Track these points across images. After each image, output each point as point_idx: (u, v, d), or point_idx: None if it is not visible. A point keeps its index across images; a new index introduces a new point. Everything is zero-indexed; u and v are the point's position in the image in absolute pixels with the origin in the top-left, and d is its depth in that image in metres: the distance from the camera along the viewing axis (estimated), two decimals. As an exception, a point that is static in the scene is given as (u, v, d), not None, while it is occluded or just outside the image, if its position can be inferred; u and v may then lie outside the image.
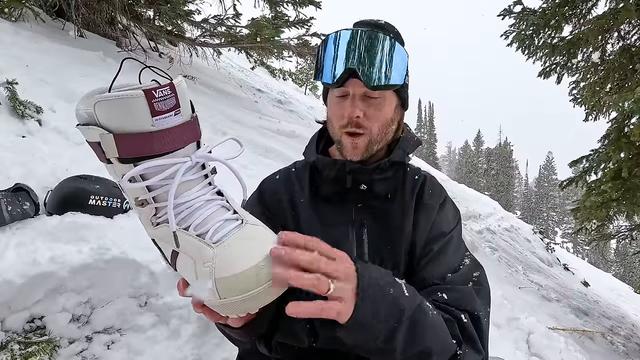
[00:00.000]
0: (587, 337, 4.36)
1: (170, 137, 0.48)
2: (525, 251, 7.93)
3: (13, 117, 2.32)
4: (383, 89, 0.78)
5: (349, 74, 0.75)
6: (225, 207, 0.54)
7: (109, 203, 1.93)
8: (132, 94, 0.45)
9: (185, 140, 0.50)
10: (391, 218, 0.82)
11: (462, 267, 0.79)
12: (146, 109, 0.45)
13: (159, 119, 0.46)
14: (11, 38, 3.30)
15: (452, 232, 0.84)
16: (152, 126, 0.46)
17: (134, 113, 0.45)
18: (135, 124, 0.46)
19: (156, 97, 0.45)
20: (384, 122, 0.82)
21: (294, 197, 0.87)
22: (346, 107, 0.79)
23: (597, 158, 5.00)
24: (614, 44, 5.31)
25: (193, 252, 0.49)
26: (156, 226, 0.52)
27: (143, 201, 0.51)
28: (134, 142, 0.46)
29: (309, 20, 5.48)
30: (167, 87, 0.47)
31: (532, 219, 41.11)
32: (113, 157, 0.48)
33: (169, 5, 4.77)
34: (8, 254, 1.51)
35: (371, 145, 0.82)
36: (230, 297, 0.47)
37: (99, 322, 1.65)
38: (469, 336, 0.69)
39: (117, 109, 0.45)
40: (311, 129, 6.51)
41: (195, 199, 0.52)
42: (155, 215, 0.52)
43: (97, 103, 0.45)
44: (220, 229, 0.51)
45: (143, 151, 0.47)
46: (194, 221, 0.51)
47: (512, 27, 5.40)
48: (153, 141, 0.47)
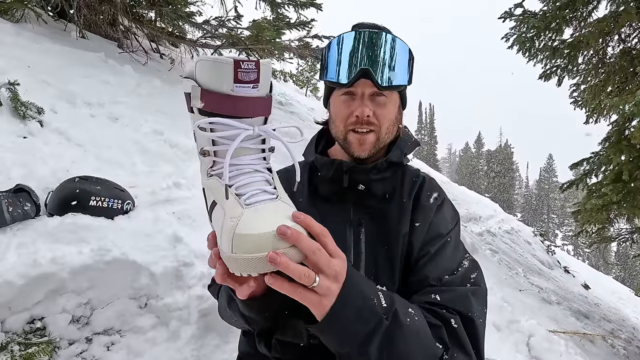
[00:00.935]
0: (588, 340, 4.35)
1: (243, 104, 0.55)
2: (525, 254, 7.91)
3: (14, 118, 2.33)
4: (392, 90, 0.81)
5: (361, 74, 0.78)
6: (268, 181, 0.60)
7: (110, 204, 1.93)
8: (225, 59, 0.53)
9: (254, 112, 0.57)
10: (388, 218, 0.82)
11: (460, 269, 0.79)
12: (231, 75, 0.53)
13: (239, 86, 0.54)
14: (13, 39, 3.31)
15: (450, 233, 0.84)
16: (231, 90, 0.54)
17: (221, 75, 0.53)
18: (220, 84, 0.54)
19: (241, 68, 0.53)
20: (391, 121, 0.84)
21: (293, 196, 0.87)
22: (355, 107, 0.81)
23: (598, 161, 5.00)
24: (614, 46, 5.31)
25: (227, 207, 0.55)
26: (209, 177, 0.59)
27: (206, 152, 0.58)
28: (214, 99, 0.54)
29: (310, 22, 5.49)
30: (253, 63, 0.54)
31: (533, 222, 41.08)
32: (195, 107, 0.55)
33: (171, 7, 4.78)
34: (9, 254, 1.52)
35: (378, 142, 0.84)
36: (239, 253, 0.51)
37: (99, 324, 1.65)
38: (457, 340, 0.68)
39: (210, 69, 0.54)
40: (312, 130, 6.50)
41: (246, 165, 0.58)
42: (212, 167, 0.59)
43: (199, 61, 0.54)
44: (256, 195, 0.56)
45: (218, 108, 0.54)
46: (237, 182, 0.57)
47: (512, 29, 5.40)
48: (228, 102, 0.54)
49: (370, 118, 0.81)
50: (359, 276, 0.59)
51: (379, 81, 0.77)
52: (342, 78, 0.80)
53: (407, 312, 0.62)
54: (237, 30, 5.37)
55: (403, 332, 0.59)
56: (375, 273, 0.79)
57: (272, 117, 0.60)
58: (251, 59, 0.54)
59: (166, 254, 1.89)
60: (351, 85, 0.80)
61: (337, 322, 0.54)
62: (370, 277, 0.78)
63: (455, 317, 0.69)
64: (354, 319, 0.55)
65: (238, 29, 5.36)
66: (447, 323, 0.69)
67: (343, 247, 0.80)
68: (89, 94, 3.06)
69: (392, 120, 0.84)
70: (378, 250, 0.80)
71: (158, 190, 2.31)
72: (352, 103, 0.82)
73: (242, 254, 0.51)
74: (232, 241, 0.52)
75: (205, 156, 0.59)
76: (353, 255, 0.80)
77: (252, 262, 0.51)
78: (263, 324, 0.78)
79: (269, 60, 0.56)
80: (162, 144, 2.91)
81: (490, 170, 44.79)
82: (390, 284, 0.78)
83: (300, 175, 0.92)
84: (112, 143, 2.65)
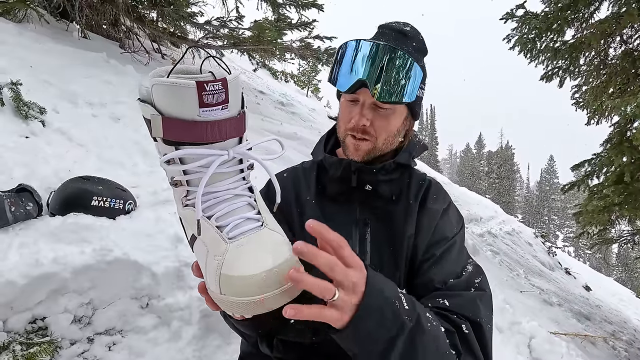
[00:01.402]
0: (589, 342, 4.34)
1: (213, 129, 0.49)
2: (526, 255, 7.90)
3: (17, 118, 2.33)
4: (390, 104, 0.80)
5: (359, 85, 0.77)
6: (251, 204, 0.55)
7: (112, 204, 1.93)
8: (185, 83, 0.46)
9: (227, 135, 0.51)
10: (394, 220, 0.83)
11: (465, 273, 0.79)
12: (195, 99, 0.47)
13: (205, 110, 0.48)
14: (15, 39, 3.32)
15: (455, 237, 0.84)
16: (197, 116, 0.48)
17: (183, 101, 0.47)
18: (183, 111, 0.48)
19: (206, 90, 0.47)
20: (390, 133, 0.84)
21: (300, 195, 0.89)
22: (354, 114, 0.81)
23: (599, 162, 4.98)
24: (616, 48, 5.30)
25: (208, 242, 0.51)
26: (185, 207, 0.55)
27: (177, 182, 0.53)
28: (178, 127, 0.48)
29: (311, 23, 5.50)
30: (219, 82, 0.48)
31: (534, 223, 41.02)
32: (158, 137, 0.50)
33: (172, 7, 4.79)
34: (11, 254, 1.52)
35: (374, 151, 0.84)
36: (229, 295, 0.48)
37: (101, 324, 1.65)
38: (469, 346, 0.68)
39: (169, 94, 0.47)
40: (312, 130, 6.51)
41: (224, 191, 0.53)
42: (186, 197, 0.54)
43: (154, 85, 0.48)
44: (240, 226, 0.52)
45: (185, 137, 0.49)
46: (217, 212, 0.52)
47: (514, 30, 5.40)
48: (196, 130, 0.49)
49: (367, 128, 0.81)
50: (380, 280, 0.58)
51: (378, 95, 0.77)
52: (342, 85, 0.80)
53: (427, 317, 0.61)
54: (238, 30, 5.38)
55: (424, 337, 0.58)
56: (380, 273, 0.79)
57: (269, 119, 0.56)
58: (217, 78, 0.48)
59: (168, 254, 1.89)
60: (352, 93, 0.80)
61: (359, 331, 0.53)
62: None
63: (466, 323, 0.69)
64: (376, 326, 0.54)
65: (239, 30, 5.37)
66: (459, 329, 0.68)
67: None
68: (91, 94, 3.07)
69: (392, 132, 0.84)
70: (383, 250, 0.81)
71: (159, 191, 2.31)
72: (353, 109, 0.82)
73: (232, 296, 0.48)
74: (219, 282, 0.48)
75: (177, 186, 0.54)
76: (358, 254, 0.80)
77: (241, 305, 0.48)
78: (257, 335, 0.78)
79: (237, 74, 0.52)
80: (164, 144, 2.91)
81: (491, 172, 44.74)
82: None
83: (307, 174, 0.94)
84: (114, 143, 2.65)
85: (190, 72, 0.54)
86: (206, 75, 0.49)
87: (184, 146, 0.50)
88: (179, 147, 0.50)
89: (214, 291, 0.50)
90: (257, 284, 0.47)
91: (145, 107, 0.50)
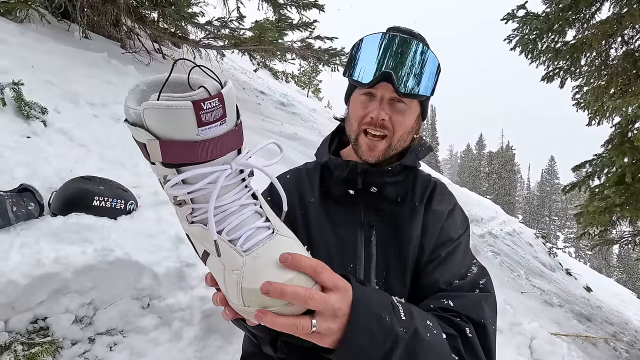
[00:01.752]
0: (590, 343, 4.33)
1: (214, 146, 0.48)
2: (527, 256, 7.89)
3: (18, 118, 2.33)
4: (411, 98, 0.79)
5: (382, 77, 0.76)
6: (258, 212, 0.55)
7: (113, 204, 1.94)
8: (181, 104, 0.45)
9: (227, 149, 0.50)
10: (400, 221, 0.82)
11: (470, 275, 0.79)
12: (193, 120, 0.45)
13: (204, 129, 0.46)
14: (17, 39, 3.32)
15: (460, 238, 0.84)
16: (197, 135, 0.47)
17: (180, 123, 0.46)
18: (181, 133, 0.46)
19: (204, 109, 0.46)
20: (406, 130, 0.83)
21: (304, 196, 0.88)
22: (372, 109, 0.80)
23: (601, 163, 4.98)
24: (617, 48, 5.30)
25: (224, 259, 0.51)
26: (191, 224, 0.54)
27: (181, 201, 0.52)
28: (178, 149, 0.47)
29: (312, 23, 5.50)
30: (216, 99, 0.46)
31: (534, 223, 40.99)
32: (157, 161, 0.49)
33: (173, 8, 4.80)
34: (12, 254, 1.52)
35: (389, 150, 0.83)
36: (252, 307, 0.48)
37: (102, 324, 1.65)
38: (472, 350, 0.68)
39: (164, 117, 0.45)
40: (313, 131, 6.51)
41: (230, 203, 0.52)
42: (191, 214, 0.53)
43: (145, 109, 0.46)
44: (252, 237, 0.51)
45: (186, 158, 0.48)
46: (227, 226, 0.52)
47: (515, 31, 5.40)
48: (197, 150, 0.47)
49: (385, 122, 0.80)
50: (367, 296, 0.56)
51: (400, 87, 0.76)
52: (364, 78, 0.79)
53: (426, 326, 0.61)
54: (239, 31, 5.38)
55: (424, 346, 0.58)
56: (386, 276, 0.79)
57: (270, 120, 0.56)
58: (212, 95, 0.46)
59: (169, 254, 1.89)
60: (372, 87, 0.79)
61: (350, 351, 0.53)
62: (381, 279, 0.78)
63: (470, 326, 0.69)
64: (369, 343, 0.53)
65: (240, 30, 5.38)
66: (463, 333, 0.68)
67: (354, 248, 0.80)
68: (92, 94, 3.07)
69: (407, 128, 0.83)
70: (389, 252, 0.80)
71: (160, 191, 2.31)
72: (370, 104, 0.81)
73: (257, 307, 0.48)
74: (242, 295, 0.49)
75: (181, 206, 0.53)
76: (364, 257, 0.80)
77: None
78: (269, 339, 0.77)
79: (230, 85, 0.50)
80: (165, 144, 2.91)
81: (492, 172, 44.72)
82: (401, 287, 0.78)
83: (310, 176, 0.93)
84: (115, 143, 2.65)
85: (177, 84, 0.52)
86: (199, 92, 0.47)
87: (186, 167, 0.49)
88: (179, 169, 0.49)
89: (236, 304, 0.50)
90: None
91: (138, 131, 0.47)
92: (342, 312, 0.52)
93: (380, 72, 0.76)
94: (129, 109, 0.49)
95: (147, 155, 0.49)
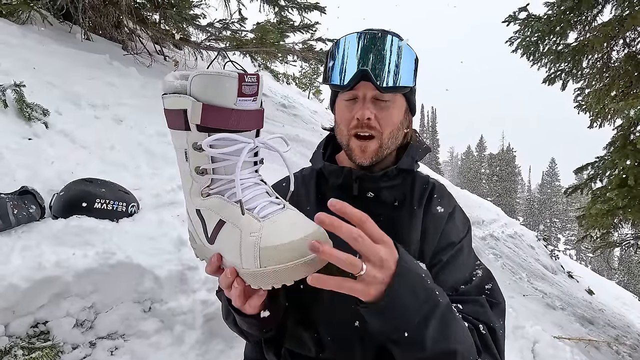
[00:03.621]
0: (593, 346, 4.30)
1: (245, 117, 0.55)
2: (529, 258, 7.86)
3: (20, 120, 2.33)
4: (394, 91, 0.79)
5: (360, 76, 0.76)
6: (268, 192, 0.60)
7: (115, 207, 1.92)
8: (229, 73, 0.52)
9: (253, 125, 0.57)
10: (399, 227, 0.81)
11: (475, 279, 0.78)
12: (235, 89, 0.53)
13: (241, 100, 0.54)
14: (19, 41, 3.32)
15: (462, 241, 0.82)
16: (234, 104, 0.54)
17: (225, 90, 0.53)
18: (223, 99, 0.53)
19: (245, 82, 0.53)
20: (395, 125, 0.82)
21: (300, 204, 0.86)
22: (356, 110, 0.79)
23: (603, 165, 4.97)
24: (619, 51, 5.29)
25: (242, 223, 0.54)
26: (206, 197, 0.58)
27: (203, 170, 0.57)
28: (216, 114, 0.53)
29: (314, 25, 5.50)
30: (255, 77, 0.54)
31: (535, 226, 40.93)
32: (194, 124, 0.54)
33: (175, 9, 4.80)
34: (13, 257, 1.50)
35: (381, 150, 0.81)
36: (270, 265, 0.50)
37: (103, 328, 1.63)
38: (487, 346, 0.68)
39: (212, 83, 0.52)
40: (314, 133, 6.50)
41: (247, 179, 0.58)
42: (209, 186, 0.58)
43: (196, 76, 0.52)
44: (266, 207, 0.56)
45: (220, 123, 0.54)
46: (244, 197, 0.56)
47: (517, 33, 5.40)
48: (231, 117, 0.54)
49: (372, 122, 0.78)
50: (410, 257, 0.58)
51: (379, 83, 0.75)
52: (342, 81, 0.78)
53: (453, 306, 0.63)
54: (241, 32, 5.38)
55: (454, 322, 0.59)
56: None
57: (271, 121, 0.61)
58: (253, 73, 0.54)
59: (171, 257, 1.87)
60: (352, 88, 0.78)
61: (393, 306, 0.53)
62: None
63: (482, 324, 0.69)
64: (411, 301, 0.54)
65: (242, 32, 5.38)
66: (477, 328, 0.68)
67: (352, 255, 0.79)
68: (94, 96, 3.06)
69: (396, 124, 0.82)
70: None
71: (162, 193, 2.30)
72: (354, 106, 0.80)
73: (272, 266, 0.50)
74: (259, 256, 0.51)
75: (203, 175, 0.57)
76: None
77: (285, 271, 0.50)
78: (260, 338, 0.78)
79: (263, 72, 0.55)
80: (167, 146, 2.90)
81: (493, 174, 44.68)
82: None
83: (306, 182, 0.92)
84: (117, 145, 2.64)
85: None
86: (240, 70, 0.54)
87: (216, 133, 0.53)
88: (210, 134, 0.54)
89: (250, 268, 0.52)
90: (296, 248, 0.50)
91: (179, 98, 0.54)
92: (387, 265, 0.53)
93: (357, 72, 0.76)
94: (170, 81, 0.56)
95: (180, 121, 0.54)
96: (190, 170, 0.58)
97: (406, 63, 0.78)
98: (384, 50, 0.76)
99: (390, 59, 0.76)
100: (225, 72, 0.52)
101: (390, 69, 0.76)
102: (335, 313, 0.75)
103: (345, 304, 0.74)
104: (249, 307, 0.60)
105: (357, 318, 0.74)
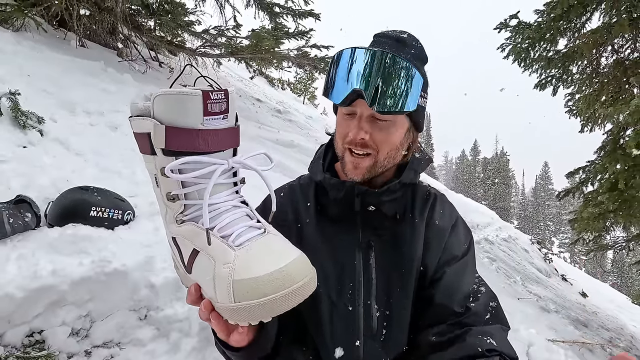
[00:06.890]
0: (587, 349, 4.34)
1: (215, 137, 0.51)
2: (523, 261, 7.92)
3: (14, 128, 2.32)
4: (389, 114, 0.73)
5: (355, 96, 0.71)
6: (249, 215, 0.56)
7: (110, 214, 1.93)
8: (191, 92, 0.48)
9: (226, 144, 0.53)
10: (400, 240, 0.79)
11: (480, 296, 0.76)
12: (200, 108, 0.49)
13: (209, 119, 0.50)
14: (13, 48, 3.32)
15: (466, 256, 0.81)
16: (201, 124, 0.49)
17: (188, 109, 0.49)
18: (187, 119, 0.49)
19: (211, 99, 0.49)
20: (393, 146, 0.77)
21: (299, 215, 0.84)
22: (351, 128, 0.75)
23: (594, 169, 5.04)
24: (608, 57, 5.39)
25: (215, 253, 0.50)
26: (180, 224, 0.54)
27: (175, 196, 0.53)
28: (182, 136, 0.49)
29: (309, 32, 5.55)
30: (222, 92, 0.50)
31: (529, 229, 41.19)
32: (159, 148, 0.50)
33: (170, 16, 4.82)
34: (9, 267, 1.50)
35: (375, 167, 0.78)
36: (245, 301, 0.46)
37: (99, 336, 1.63)
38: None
39: (174, 103, 0.48)
40: (310, 138, 6.53)
41: (223, 202, 0.54)
42: (182, 212, 0.54)
43: (157, 96, 0.49)
44: (243, 234, 0.52)
45: (187, 146, 0.50)
46: (219, 223, 0.52)
47: (508, 40, 5.49)
48: (199, 138, 0.50)
49: (367, 141, 0.74)
50: None
51: (376, 106, 0.70)
52: (337, 97, 0.74)
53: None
54: (236, 39, 5.41)
55: None
56: (387, 300, 0.76)
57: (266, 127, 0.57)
58: (219, 88, 0.50)
59: (166, 265, 1.88)
60: (349, 105, 0.74)
61: None
62: (382, 305, 0.76)
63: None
64: None
65: (237, 39, 5.41)
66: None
67: (352, 273, 0.76)
68: (89, 103, 3.07)
69: (393, 145, 0.77)
70: (390, 276, 0.77)
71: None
72: (351, 122, 0.76)
73: (247, 301, 0.46)
74: (233, 290, 0.47)
75: (174, 201, 0.53)
76: (363, 281, 0.76)
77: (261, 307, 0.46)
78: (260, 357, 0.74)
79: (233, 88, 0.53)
80: (162, 153, 2.91)
81: (487, 178, 45.00)
82: (404, 310, 0.76)
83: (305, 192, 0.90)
84: (112, 152, 2.65)
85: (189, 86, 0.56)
86: (207, 87, 0.51)
87: (187, 156, 0.50)
88: (178, 158, 0.50)
89: (224, 303, 0.48)
90: (269, 283, 0.46)
91: (143, 120, 0.50)
92: None
93: (352, 91, 0.71)
94: (136, 104, 0.52)
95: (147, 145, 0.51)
96: (162, 196, 0.54)
97: (409, 86, 0.71)
98: (385, 72, 0.70)
99: (391, 81, 0.70)
100: (188, 91, 0.48)
101: (389, 93, 0.70)
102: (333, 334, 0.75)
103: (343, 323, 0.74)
104: (233, 341, 0.58)
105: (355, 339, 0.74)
